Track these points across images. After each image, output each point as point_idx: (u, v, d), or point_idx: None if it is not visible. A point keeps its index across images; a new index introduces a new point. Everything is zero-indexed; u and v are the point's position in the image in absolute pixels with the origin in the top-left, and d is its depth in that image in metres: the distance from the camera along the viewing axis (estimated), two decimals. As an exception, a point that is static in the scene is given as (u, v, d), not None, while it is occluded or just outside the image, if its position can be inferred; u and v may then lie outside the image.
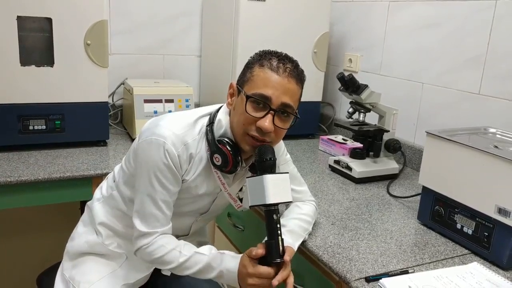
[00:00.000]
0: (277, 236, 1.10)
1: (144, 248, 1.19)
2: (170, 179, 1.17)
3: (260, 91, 1.12)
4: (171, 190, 1.18)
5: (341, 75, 1.78)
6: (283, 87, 1.12)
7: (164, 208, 1.19)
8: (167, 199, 1.19)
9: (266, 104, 1.12)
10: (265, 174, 1.10)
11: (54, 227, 2.31)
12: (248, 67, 1.18)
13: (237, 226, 1.76)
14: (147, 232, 1.18)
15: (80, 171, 1.66)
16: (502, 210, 1.18)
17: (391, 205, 1.59)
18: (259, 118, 1.12)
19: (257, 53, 1.19)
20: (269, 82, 1.12)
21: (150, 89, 2.12)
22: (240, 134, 1.16)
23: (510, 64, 1.62)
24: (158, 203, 1.18)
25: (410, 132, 2.03)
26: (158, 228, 1.19)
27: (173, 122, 1.19)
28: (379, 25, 2.18)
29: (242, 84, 1.17)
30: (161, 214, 1.19)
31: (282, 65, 1.13)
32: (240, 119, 1.15)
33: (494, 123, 1.58)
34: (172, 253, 1.17)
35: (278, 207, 1.12)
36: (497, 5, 1.64)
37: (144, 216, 1.18)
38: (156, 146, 1.14)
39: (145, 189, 1.17)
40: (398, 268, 1.17)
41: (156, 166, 1.15)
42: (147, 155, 1.16)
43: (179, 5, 2.44)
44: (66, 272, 1.36)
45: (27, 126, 1.80)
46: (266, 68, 1.13)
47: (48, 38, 1.76)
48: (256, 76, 1.14)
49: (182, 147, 1.16)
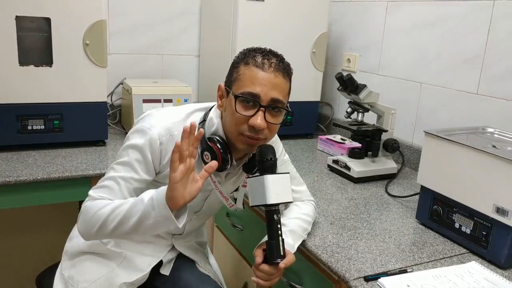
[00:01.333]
0: (277, 237, 1.11)
1: (83, 208, 1.15)
2: (141, 162, 1.17)
3: (248, 90, 1.12)
4: (139, 174, 1.17)
5: (339, 75, 1.78)
6: (271, 83, 1.12)
7: (123, 186, 1.16)
8: (130, 180, 1.16)
9: (255, 101, 1.12)
10: (266, 174, 1.11)
11: (53, 227, 2.31)
12: (234, 66, 1.18)
13: (236, 226, 1.76)
14: (91, 195, 1.16)
15: (79, 171, 1.66)
16: (500, 209, 1.19)
17: (390, 204, 1.59)
18: (250, 117, 1.12)
19: (241, 52, 1.19)
20: (256, 80, 1.12)
21: (149, 89, 2.13)
22: (234, 134, 1.16)
23: (507, 64, 1.62)
24: (117, 179, 1.16)
25: (408, 132, 2.04)
26: (106, 198, 1.15)
27: (163, 114, 1.22)
28: (377, 25, 2.18)
29: (229, 85, 1.17)
30: (116, 189, 1.15)
31: (267, 60, 1.13)
32: (232, 120, 1.15)
33: (492, 123, 1.58)
34: (105, 207, 1.11)
35: (279, 207, 1.12)
36: (495, 5, 1.65)
37: (99, 185, 1.18)
38: (141, 131, 1.17)
39: (115, 162, 1.19)
40: (396, 267, 1.17)
41: (134, 145, 1.17)
42: (130, 138, 1.19)
43: (177, 5, 2.44)
44: (65, 271, 1.36)
45: (26, 126, 1.80)
46: (252, 66, 1.13)
47: (47, 38, 1.76)
48: (242, 75, 1.14)
49: (167, 136, 1.17)
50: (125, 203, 1.10)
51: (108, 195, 1.15)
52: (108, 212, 1.10)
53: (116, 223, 1.10)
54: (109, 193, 1.16)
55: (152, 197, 1.07)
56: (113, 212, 1.10)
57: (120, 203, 1.11)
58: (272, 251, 1.11)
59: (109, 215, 1.10)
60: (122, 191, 1.16)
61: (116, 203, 1.12)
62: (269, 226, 1.12)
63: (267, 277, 1.14)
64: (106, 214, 1.10)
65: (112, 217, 1.10)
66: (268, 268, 1.12)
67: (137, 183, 1.18)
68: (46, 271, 1.51)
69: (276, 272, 1.14)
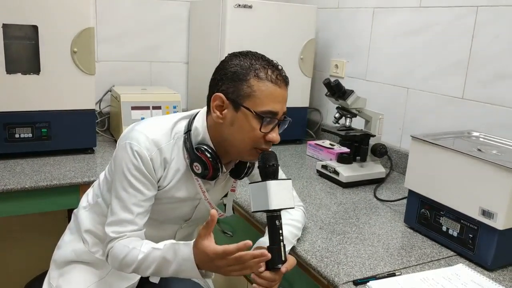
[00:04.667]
0: (279, 242, 1.12)
1: (110, 251, 1.16)
2: (143, 182, 1.16)
3: (270, 109, 1.12)
4: (145, 193, 1.17)
5: (327, 81, 1.80)
6: (284, 99, 1.15)
7: (136, 211, 1.16)
8: (140, 203, 1.17)
9: (275, 118, 1.14)
10: (268, 180, 1.11)
11: (41, 235, 2.28)
12: (241, 78, 1.11)
13: (226, 232, 1.76)
14: (114, 237, 1.16)
15: (67, 179, 1.65)
16: (486, 212, 1.20)
17: (378, 208, 1.60)
18: (268, 133, 1.14)
19: (242, 60, 1.14)
20: (275, 98, 1.13)
21: (138, 96, 2.12)
22: (247, 150, 1.16)
23: (491, 69, 1.65)
24: (129, 207, 1.16)
25: (396, 137, 2.06)
26: (127, 232, 1.16)
27: (148, 126, 1.19)
28: (364, 32, 2.21)
29: (240, 99, 1.12)
30: (131, 218, 1.16)
31: (279, 75, 1.14)
32: (247, 137, 1.14)
33: (478, 127, 1.61)
34: (132, 252, 1.13)
35: (280, 213, 1.13)
36: (478, 12, 1.68)
37: (115, 221, 1.17)
38: (129, 149, 1.15)
39: (117, 193, 1.17)
40: (385, 271, 1.18)
41: (128, 169, 1.15)
42: (120, 159, 1.17)
43: (166, 12, 2.45)
44: (53, 281, 1.34)
45: (13, 134, 1.79)
46: (266, 81, 1.11)
47: (34, 45, 1.76)
48: (258, 91, 1.11)
49: (155, 151, 1.16)
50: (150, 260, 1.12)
51: (126, 228, 1.16)
52: (135, 268, 1.13)
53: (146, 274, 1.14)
54: (126, 225, 1.16)
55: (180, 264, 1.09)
56: (139, 267, 1.13)
57: (143, 257, 1.12)
58: (274, 256, 1.10)
59: (137, 269, 1.13)
60: (136, 219, 1.16)
61: (140, 256, 1.12)
62: (271, 231, 1.13)
63: (269, 283, 1.13)
64: (133, 268, 1.13)
65: (141, 271, 1.14)
66: (269, 275, 1.12)
67: (148, 202, 1.18)
68: (34, 280, 1.50)
69: (278, 277, 1.13)
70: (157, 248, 1.12)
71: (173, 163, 1.20)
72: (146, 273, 1.14)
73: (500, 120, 1.62)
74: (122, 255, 1.13)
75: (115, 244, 1.15)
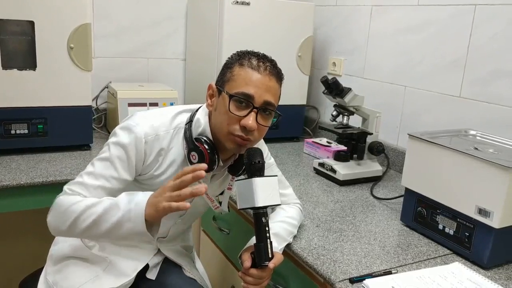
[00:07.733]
0: (266, 239, 1.11)
1: (57, 200, 1.14)
2: (123, 160, 1.15)
3: (243, 90, 1.13)
4: (119, 172, 1.15)
5: (325, 78, 1.79)
6: (265, 85, 1.14)
7: (100, 184, 1.14)
8: (109, 179, 1.15)
9: (249, 102, 1.13)
10: (254, 177, 1.11)
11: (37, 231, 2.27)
12: (228, 67, 1.19)
13: (222, 230, 1.76)
14: (67, 193, 1.14)
15: (63, 175, 1.65)
16: (482, 210, 1.20)
17: (375, 207, 1.61)
18: (242, 117, 1.13)
19: (236, 53, 1.21)
20: (251, 81, 1.13)
21: (135, 92, 2.12)
22: (224, 134, 1.16)
23: (489, 68, 1.65)
24: (96, 176, 1.15)
25: (393, 135, 2.06)
26: (81, 195, 1.13)
27: (150, 113, 1.22)
28: (362, 29, 2.21)
29: (222, 84, 1.18)
30: (93, 185, 1.14)
31: (262, 63, 1.15)
32: (223, 119, 1.15)
33: (475, 125, 1.61)
34: (84, 201, 1.10)
35: (267, 210, 1.13)
36: (476, 10, 1.68)
37: (77, 181, 1.15)
38: (127, 128, 1.16)
39: (94, 160, 1.18)
40: (381, 269, 1.18)
41: (116, 142, 1.16)
42: (115, 134, 1.18)
43: (163, 9, 2.44)
44: (49, 276, 1.34)
45: (9, 130, 1.78)
46: (247, 67, 1.15)
47: (31, 41, 1.75)
48: (237, 75, 1.15)
49: (153, 136, 1.17)
50: (99, 204, 1.09)
51: (83, 191, 1.14)
52: (81, 210, 1.09)
53: (88, 224, 1.08)
54: (84, 190, 1.14)
55: (130, 209, 1.05)
56: (86, 211, 1.08)
57: (94, 202, 1.09)
58: (260, 253, 1.11)
59: (82, 213, 1.09)
60: (98, 189, 1.14)
61: (90, 201, 1.10)
62: (257, 228, 1.12)
63: (257, 281, 1.13)
64: (78, 212, 1.09)
65: (85, 216, 1.08)
66: (257, 272, 1.13)
67: (116, 182, 1.16)
68: (29, 276, 1.49)
69: (266, 275, 1.14)
70: (111, 198, 1.11)
71: (170, 152, 1.20)
72: (85, 223, 1.08)
73: (497, 119, 1.62)
74: (71, 203, 1.10)
75: (65, 196, 1.14)
